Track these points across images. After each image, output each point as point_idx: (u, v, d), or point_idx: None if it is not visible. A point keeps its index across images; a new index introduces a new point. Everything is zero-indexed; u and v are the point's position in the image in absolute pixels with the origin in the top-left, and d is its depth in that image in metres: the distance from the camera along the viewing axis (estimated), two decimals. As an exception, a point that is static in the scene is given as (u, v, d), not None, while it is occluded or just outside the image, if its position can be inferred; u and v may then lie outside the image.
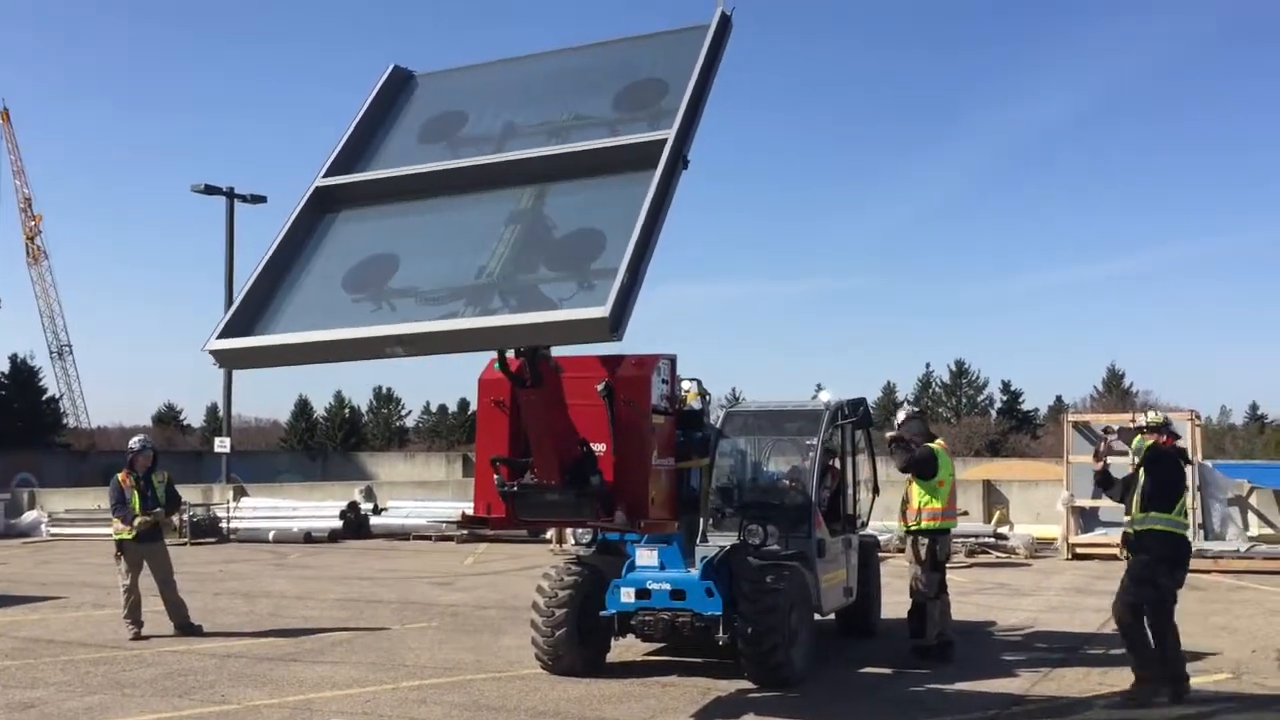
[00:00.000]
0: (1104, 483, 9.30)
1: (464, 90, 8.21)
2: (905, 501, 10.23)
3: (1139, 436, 8.78)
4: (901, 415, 10.71)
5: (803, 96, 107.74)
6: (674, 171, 6.54)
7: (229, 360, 6.69)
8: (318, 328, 6.45)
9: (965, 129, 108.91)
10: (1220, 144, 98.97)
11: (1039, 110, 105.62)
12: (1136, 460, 8.69)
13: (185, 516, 23.65)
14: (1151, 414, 9.27)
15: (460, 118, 7.81)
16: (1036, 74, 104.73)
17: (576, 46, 8.27)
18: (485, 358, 8.05)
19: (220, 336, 6.53)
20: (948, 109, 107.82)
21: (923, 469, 9.93)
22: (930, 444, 10.22)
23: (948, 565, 10.45)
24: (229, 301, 35.63)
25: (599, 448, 7.60)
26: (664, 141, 6.57)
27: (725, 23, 7.32)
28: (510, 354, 7.18)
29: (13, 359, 60.09)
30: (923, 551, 9.92)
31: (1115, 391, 68.01)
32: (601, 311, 5.62)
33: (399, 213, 7.36)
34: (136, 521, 11.59)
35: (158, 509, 11.86)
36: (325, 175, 7.57)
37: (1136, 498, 8.61)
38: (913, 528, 10.03)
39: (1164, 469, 8.62)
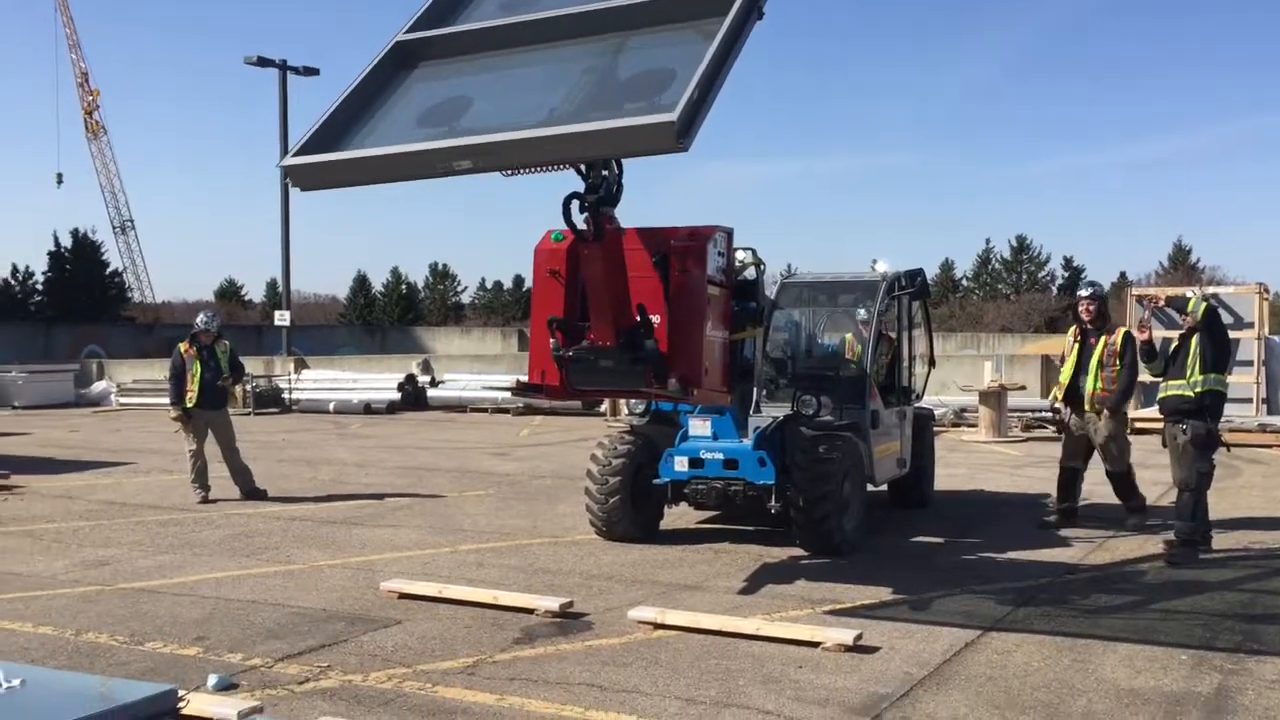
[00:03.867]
0: (1148, 355, 9.21)
1: None
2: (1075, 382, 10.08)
3: (1193, 299, 8.76)
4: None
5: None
6: (749, 14, 6.58)
7: (302, 176, 6.71)
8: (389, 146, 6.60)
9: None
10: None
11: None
12: (1192, 321, 8.68)
13: (248, 387, 24.17)
14: (1195, 289, 9.22)
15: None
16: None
17: None
18: (543, 229, 8.05)
19: (295, 154, 6.62)
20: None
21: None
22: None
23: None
24: (284, 177, 35.88)
25: (654, 319, 7.57)
26: None
27: None
28: (575, 212, 7.17)
29: (74, 233, 61.00)
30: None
31: (1181, 267, 66.53)
32: (670, 116, 5.64)
33: (475, 64, 7.48)
34: (189, 400, 11.84)
35: (226, 377, 12.12)
36: (406, 32, 7.65)
37: (1195, 360, 8.60)
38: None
39: (1223, 330, 8.81)
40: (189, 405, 11.95)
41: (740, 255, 8.72)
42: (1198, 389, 8.65)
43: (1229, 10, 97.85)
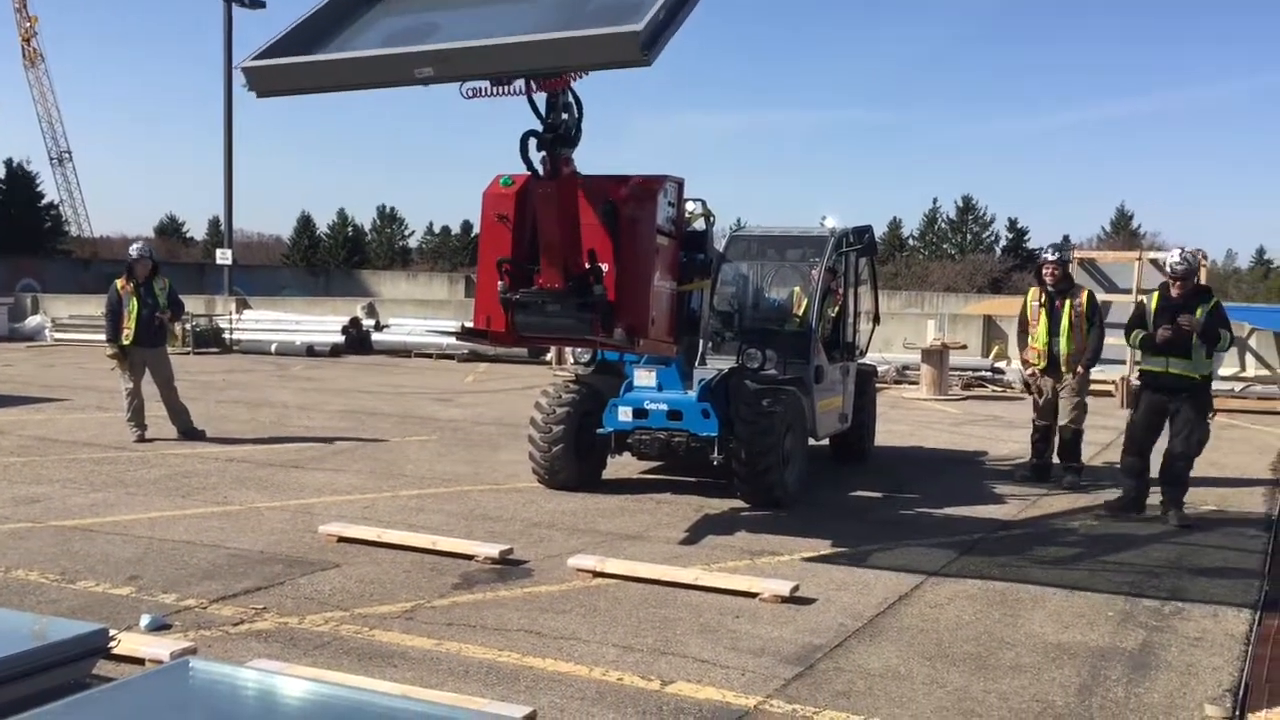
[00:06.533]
0: (1154, 347, 8.73)
1: None
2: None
3: (1205, 307, 8.59)
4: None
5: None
6: None
7: (260, 79, 6.57)
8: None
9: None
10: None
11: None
12: (1195, 322, 8.47)
13: (188, 326, 23.78)
14: (1175, 254, 8.89)
15: None
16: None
17: None
18: (489, 175, 7.96)
19: (255, 58, 6.49)
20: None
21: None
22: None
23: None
24: (228, 113, 34.92)
25: (603, 267, 7.53)
26: None
27: None
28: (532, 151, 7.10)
29: (8, 164, 59.37)
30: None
31: (1123, 232, 67.54)
32: (635, 27, 5.66)
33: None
34: (125, 337, 11.61)
35: (164, 310, 11.87)
36: None
37: (1199, 343, 8.54)
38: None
39: (1225, 317, 8.73)
40: (125, 342, 11.71)
41: (690, 206, 8.69)
42: (1203, 372, 8.65)
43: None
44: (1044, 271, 10.33)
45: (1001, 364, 20.69)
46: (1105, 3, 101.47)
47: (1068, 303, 10.12)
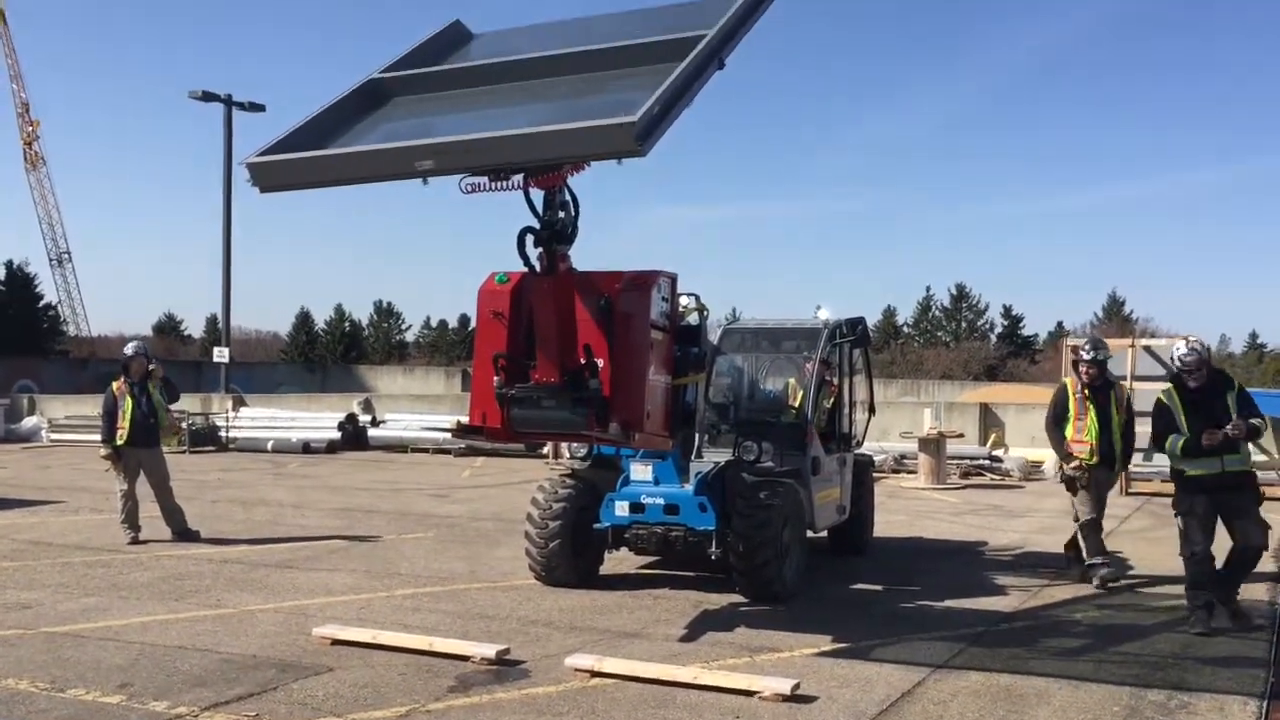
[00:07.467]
0: (1201, 450, 8.16)
1: (518, 37, 8.66)
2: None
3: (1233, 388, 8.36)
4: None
5: (804, 18, 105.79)
6: (711, 59, 6.88)
7: (264, 174, 6.65)
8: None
9: (970, 49, 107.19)
10: (1232, 69, 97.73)
11: (1047, 30, 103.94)
12: (1233, 397, 8.24)
13: (184, 424, 23.74)
14: (1182, 346, 8.45)
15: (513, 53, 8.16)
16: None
17: (627, 11, 8.81)
18: (486, 269, 8.08)
19: (259, 154, 6.60)
20: (952, 29, 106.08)
21: None
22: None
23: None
24: (227, 212, 35.31)
25: (598, 362, 7.57)
26: (701, 36, 6.91)
27: None
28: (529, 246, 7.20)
29: (8, 265, 59.88)
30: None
31: (1115, 318, 67.92)
32: (630, 118, 5.78)
33: (447, 98, 7.70)
34: (119, 437, 11.62)
35: (166, 410, 11.96)
36: (382, 71, 7.89)
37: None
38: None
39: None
40: (119, 443, 11.70)
41: (684, 300, 8.77)
42: (1251, 461, 8.37)
43: (1163, 67, 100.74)
44: (1081, 370, 9.92)
45: (999, 452, 20.66)
46: (1095, 91, 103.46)
47: (1111, 394, 9.91)
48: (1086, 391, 9.87)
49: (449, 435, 22.05)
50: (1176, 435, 8.26)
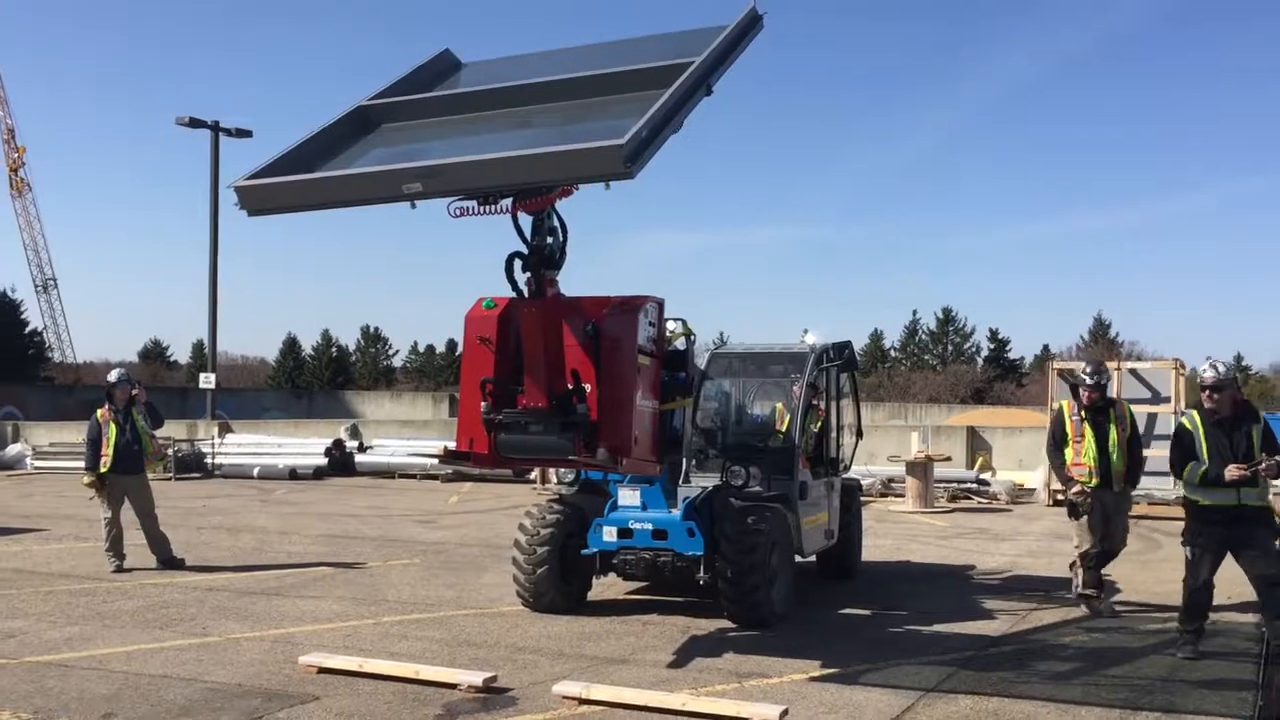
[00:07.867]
0: (1220, 481, 7.90)
1: (507, 66, 8.76)
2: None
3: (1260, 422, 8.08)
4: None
5: (795, 46, 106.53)
6: (699, 85, 7.04)
7: (252, 198, 6.66)
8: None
9: (958, 77, 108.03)
10: (1213, 97, 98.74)
11: (1031, 59, 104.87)
12: (1259, 432, 7.99)
13: (169, 450, 23.62)
14: (1207, 368, 8.13)
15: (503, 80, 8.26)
16: (1026, 20, 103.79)
17: (615, 41, 8.96)
18: (474, 294, 8.10)
19: (247, 178, 6.61)
20: (939, 57, 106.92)
21: None
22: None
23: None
24: (214, 238, 35.29)
25: (586, 387, 7.58)
26: (689, 63, 7.06)
27: (755, 20, 8.09)
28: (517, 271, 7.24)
29: (-7, 291, 59.70)
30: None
31: (1101, 341, 68.20)
32: (618, 141, 5.87)
33: (437, 125, 7.78)
34: (103, 464, 11.58)
35: (151, 437, 11.95)
36: (371, 99, 7.97)
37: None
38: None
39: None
40: (103, 470, 11.64)
41: (671, 326, 8.78)
42: (1266, 496, 8.09)
43: (1150, 86, 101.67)
44: (1082, 393, 9.75)
45: (987, 475, 20.69)
46: (1080, 115, 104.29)
47: (1111, 413, 9.76)
48: (1083, 414, 9.77)
49: (436, 461, 21.99)
50: (1196, 463, 8.02)
